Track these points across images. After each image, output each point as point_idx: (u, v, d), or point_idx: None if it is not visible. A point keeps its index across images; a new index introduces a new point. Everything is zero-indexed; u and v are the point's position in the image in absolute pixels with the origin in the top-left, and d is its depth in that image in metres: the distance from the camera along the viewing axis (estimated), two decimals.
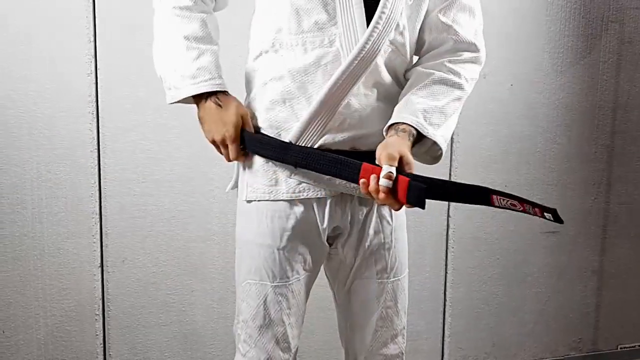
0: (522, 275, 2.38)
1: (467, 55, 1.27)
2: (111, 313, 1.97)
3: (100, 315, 1.97)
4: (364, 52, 1.16)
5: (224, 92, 1.24)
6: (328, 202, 1.25)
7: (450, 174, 2.23)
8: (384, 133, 1.20)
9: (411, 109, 1.20)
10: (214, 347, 2.07)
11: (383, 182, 1.07)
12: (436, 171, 2.17)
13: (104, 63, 1.86)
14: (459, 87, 1.25)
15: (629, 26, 2.37)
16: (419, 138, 1.20)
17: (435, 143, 1.22)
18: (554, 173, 2.35)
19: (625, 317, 2.55)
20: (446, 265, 2.29)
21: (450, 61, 1.25)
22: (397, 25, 1.19)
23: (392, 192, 1.08)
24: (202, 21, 1.23)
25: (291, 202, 1.24)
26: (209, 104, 1.23)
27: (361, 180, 1.12)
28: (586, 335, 2.51)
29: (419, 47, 1.30)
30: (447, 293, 2.31)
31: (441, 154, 1.26)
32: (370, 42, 1.16)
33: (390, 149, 1.12)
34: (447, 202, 2.24)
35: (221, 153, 1.28)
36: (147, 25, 1.87)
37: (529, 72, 2.27)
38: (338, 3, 1.17)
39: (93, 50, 1.85)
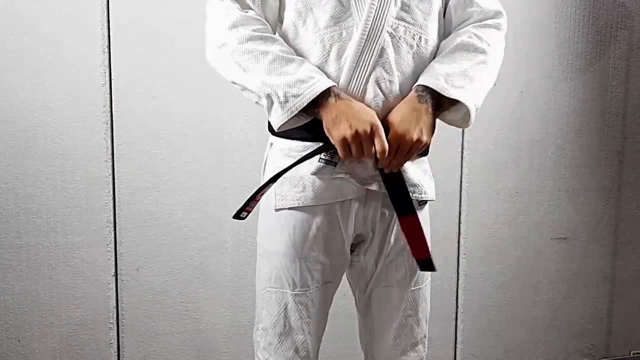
0: (533, 281, 2.38)
1: (490, 21, 1.28)
2: (125, 321, 1.99)
3: (115, 324, 1.98)
4: (367, 29, 1.16)
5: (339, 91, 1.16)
6: (353, 208, 1.24)
7: (461, 180, 2.24)
8: None
9: (432, 73, 1.20)
10: (227, 355, 2.08)
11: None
12: (447, 177, 2.21)
13: (118, 73, 1.88)
14: (482, 51, 1.24)
15: (637, 32, 2.37)
16: (449, 103, 1.20)
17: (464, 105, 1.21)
18: (564, 179, 2.36)
19: (638, 322, 2.54)
20: (458, 271, 2.29)
21: (474, 27, 1.27)
22: (396, 1, 1.19)
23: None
24: (280, 39, 1.20)
25: (313, 211, 1.23)
26: (340, 102, 1.13)
27: None
28: (599, 341, 2.50)
29: (448, 27, 1.31)
30: (459, 299, 2.31)
31: (470, 117, 1.23)
32: (371, 17, 1.16)
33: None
34: (458, 210, 2.25)
35: (358, 151, 1.14)
36: (160, 36, 1.90)
37: (539, 78, 2.28)
38: None
39: (107, 61, 1.87)
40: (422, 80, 1.19)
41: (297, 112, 1.13)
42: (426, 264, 1.23)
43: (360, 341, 1.46)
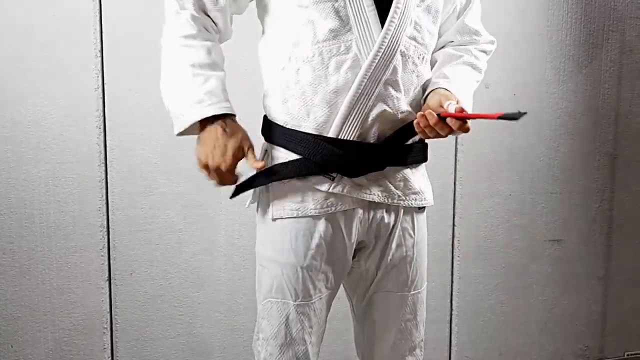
0: (527, 283, 2.39)
1: (487, 47, 1.41)
2: (119, 326, 1.98)
3: (108, 329, 1.97)
4: (384, 46, 1.16)
5: (232, 118, 1.20)
6: (356, 216, 1.23)
7: (455, 182, 2.25)
8: (421, 102, 1.26)
9: (446, 80, 1.27)
10: (221, 359, 2.07)
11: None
12: (441, 180, 2.21)
13: (110, 77, 1.88)
14: (479, 72, 1.37)
15: (629, 35, 2.39)
16: None
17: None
18: (557, 181, 2.36)
19: (632, 324, 2.55)
20: (452, 274, 2.30)
21: (476, 49, 1.38)
22: (411, 20, 1.20)
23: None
24: (207, 49, 1.21)
25: (316, 219, 1.22)
26: (215, 127, 1.18)
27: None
28: (593, 343, 2.51)
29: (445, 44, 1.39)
30: (453, 302, 2.31)
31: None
32: (389, 35, 1.16)
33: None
34: (452, 212, 2.26)
35: (208, 176, 1.22)
36: (153, 39, 1.90)
37: (532, 81, 2.29)
38: (350, 8, 1.16)
39: (100, 65, 1.87)
40: (442, 84, 1.25)
41: (183, 129, 1.21)
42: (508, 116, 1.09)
43: (356, 347, 1.45)
